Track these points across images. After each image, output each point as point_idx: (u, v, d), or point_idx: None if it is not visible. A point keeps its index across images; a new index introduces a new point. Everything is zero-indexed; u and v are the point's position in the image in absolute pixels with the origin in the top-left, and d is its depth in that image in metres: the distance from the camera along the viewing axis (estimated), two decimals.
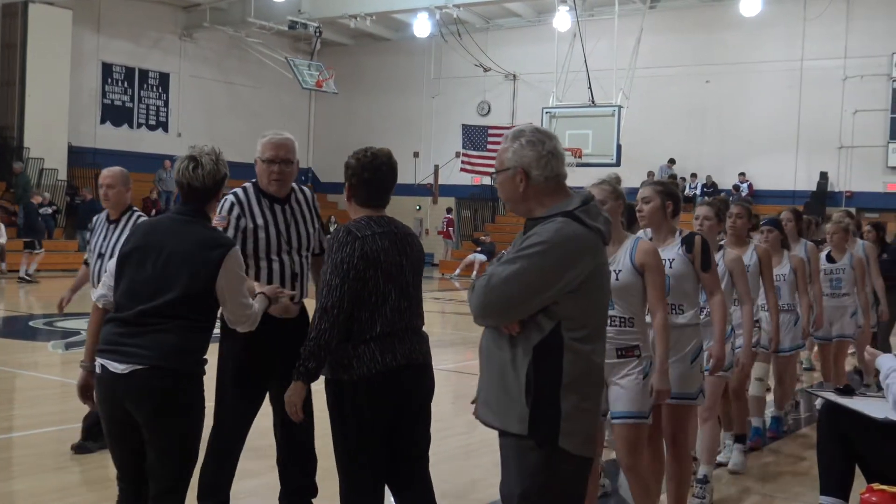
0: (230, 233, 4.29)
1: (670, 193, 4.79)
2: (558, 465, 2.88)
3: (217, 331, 4.17)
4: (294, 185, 4.60)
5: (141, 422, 3.45)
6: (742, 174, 26.34)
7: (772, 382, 7.57)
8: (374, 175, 3.70)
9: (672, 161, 27.32)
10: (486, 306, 2.89)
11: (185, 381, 3.48)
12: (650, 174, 27.20)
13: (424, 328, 3.89)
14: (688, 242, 4.69)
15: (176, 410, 3.46)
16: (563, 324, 2.87)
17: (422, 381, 3.80)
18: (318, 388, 3.76)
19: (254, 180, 4.51)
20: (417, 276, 3.77)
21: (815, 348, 9.29)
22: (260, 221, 4.39)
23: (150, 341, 3.41)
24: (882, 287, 8.89)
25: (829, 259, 8.14)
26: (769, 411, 7.53)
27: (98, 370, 3.51)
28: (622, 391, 4.26)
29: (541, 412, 2.86)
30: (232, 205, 4.37)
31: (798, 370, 9.13)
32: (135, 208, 5.95)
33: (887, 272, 9.23)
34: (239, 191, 4.45)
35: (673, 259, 4.63)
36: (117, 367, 3.42)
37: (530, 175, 2.95)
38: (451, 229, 30.33)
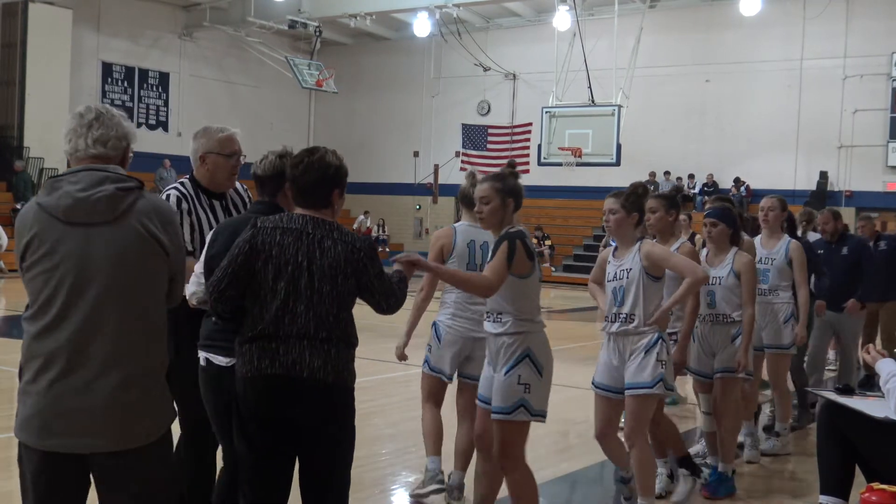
0: (184, 228, 4.16)
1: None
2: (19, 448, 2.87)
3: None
4: None
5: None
6: (737, 179, 26.34)
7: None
8: (293, 173, 3.53)
9: (670, 174, 27.40)
10: None
11: None
12: (651, 174, 27.24)
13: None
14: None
15: None
16: None
17: (305, 400, 3.37)
18: None
19: (188, 176, 4.39)
20: (330, 285, 3.40)
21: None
22: (203, 216, 4.29)
23: None
24: (806, 299, 6.75)
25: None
26: (709, 460, 5.99)
27: (203, 363, 3.79)
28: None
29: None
30: (179, 199, 4.23)
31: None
32: None
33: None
34: (180, 185, 4.33)
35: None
36: (221, 361, 3.69)
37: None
38: None
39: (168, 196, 4.25)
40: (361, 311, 3.68)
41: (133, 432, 2.81)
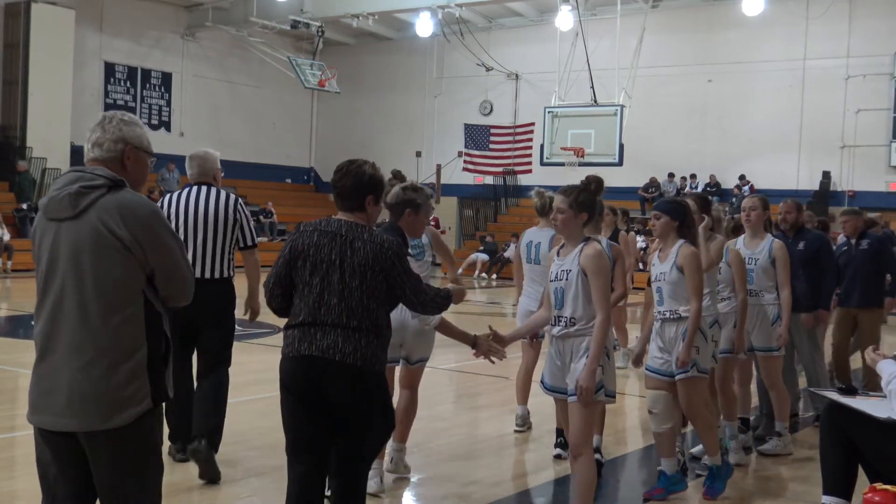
0: (251, 225, 5.90)
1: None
2: None
3: None
4: None
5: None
6: (742, 176, 26.31)
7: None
8: (333, 178, 4.02)
9: (672, 175, 27.35)
10: None
11: None
12: (652, 179, 27.19)
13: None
14: None
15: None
16: None
17: (337, 380, 3.81)
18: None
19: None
20: (359, 280, 3.84)
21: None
22: None
23: None
24: (788, 299, 6.63)
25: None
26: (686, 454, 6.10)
27: None
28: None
29: None
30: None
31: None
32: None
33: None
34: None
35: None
36: None
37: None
38: None
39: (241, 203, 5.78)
40: None
41: (95, 416, 2.95)
